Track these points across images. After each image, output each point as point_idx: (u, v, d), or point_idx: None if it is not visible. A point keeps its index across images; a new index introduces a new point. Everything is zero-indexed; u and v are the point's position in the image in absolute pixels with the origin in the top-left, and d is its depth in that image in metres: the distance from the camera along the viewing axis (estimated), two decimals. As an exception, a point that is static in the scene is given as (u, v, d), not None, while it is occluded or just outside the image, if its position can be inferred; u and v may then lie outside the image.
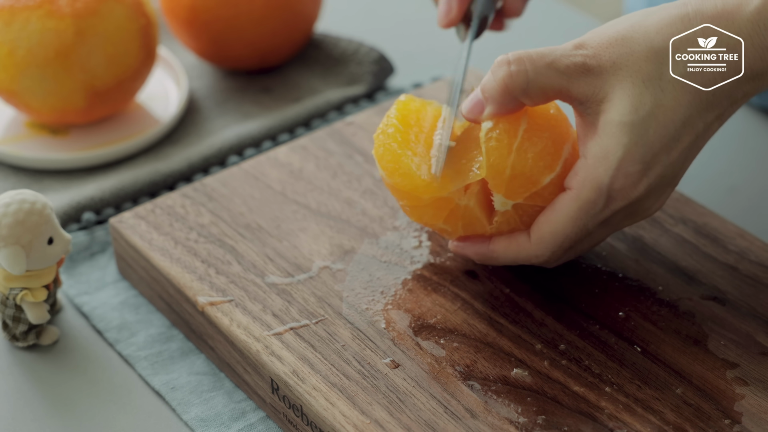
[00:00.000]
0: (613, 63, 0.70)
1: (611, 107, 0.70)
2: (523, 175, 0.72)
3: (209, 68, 1.06)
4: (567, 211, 0.72)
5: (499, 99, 0.72)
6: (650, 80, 0.69)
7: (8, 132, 0.98)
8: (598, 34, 0.71)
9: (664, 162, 0.70)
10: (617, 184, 0.70)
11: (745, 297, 0.77)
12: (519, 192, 0.73)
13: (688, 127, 0.70)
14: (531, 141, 0.72)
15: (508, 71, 0.71)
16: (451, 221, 0.76)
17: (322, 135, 0.92)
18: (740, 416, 0.70)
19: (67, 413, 0.76)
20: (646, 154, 0.70)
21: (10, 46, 0.91)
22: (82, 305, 0.83)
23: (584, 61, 0.70)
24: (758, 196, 0.94)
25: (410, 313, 0.76)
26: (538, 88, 0.71)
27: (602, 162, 0.70)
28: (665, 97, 0.69)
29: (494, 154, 0.72)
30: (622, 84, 0.69)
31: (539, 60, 0.71)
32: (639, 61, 0.69)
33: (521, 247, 0.74)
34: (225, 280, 0.79)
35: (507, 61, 0.71)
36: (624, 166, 0.70)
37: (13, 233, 0.76)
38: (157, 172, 0.93)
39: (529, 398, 0.71)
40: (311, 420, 0.71)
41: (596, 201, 0.71)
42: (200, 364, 0.79)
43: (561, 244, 0.73)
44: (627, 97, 0.69)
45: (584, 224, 0.72)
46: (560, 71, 0.70)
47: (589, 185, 0.70)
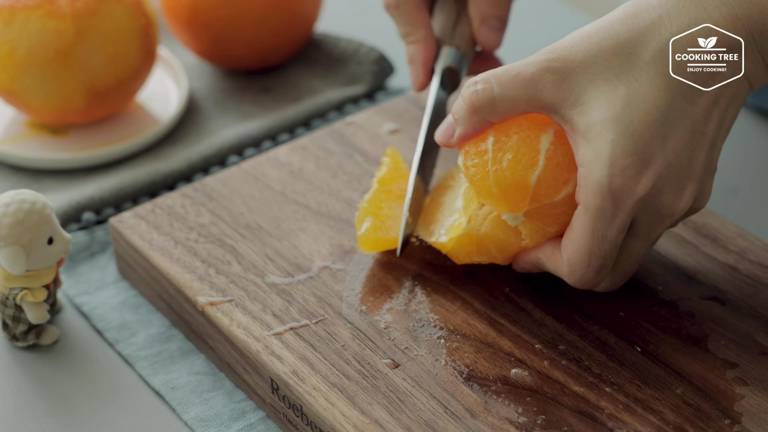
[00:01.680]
0: (581, 62, 0.69)
1: (589, 108, 0.69)
2: (510, 186, 0.72)
3: (209, 68, 1.06)
4: (581, 225, 0.70)
5: (467, 119, 0.72)
6: (622, 72, 0.69)
7: (8, 132, 0.98)
8: (566, 38, 0.71)
9: (661, 150, 0.68)
10: (616, 182, 0.68)
11: (745, 297, 0.77)
12: (518, 202, 0.72)
13: (675, 111, 0.68)
14: (501, 150, 0.72)
15: (474, 90, 0.72)
16: (483, 251, 0.76)
17: (322, 135, 0.92)
18: (740, 416, 0.70)
19: (67, 413, 0.76)
20: (636, 144, 0.68)
21: (10, 46, 0.91)
22: (82, 305, 0.83)
23: (549, 66, 0.70)
24: (758, 197, 0.94)
25: (410, 313, 0.76)
26: (505, 102, 0.71)
27: (595, 164, 0.69)
28: (640, 84, 0.68)
29: (476, 180, 0.72)
30: (595, 82, 0.69)
31: (504, 75, 0.71)
32: (608, 55, 0.69)
33: (557, 264, 0.73)
34: (225, 280, 0.79)
35: (474, 81, 0.72)
36: (617, 162, 0.68)
37: (13, 233, 0.76)
38: (157, 172, 0.93)
39: (529, 398, 0.71)
40: (311, 420, 0.71)
41: (603, 206, 0.69)
42: (200, 364, 0.79)
43: (589, 263, 0.71)
44: (602, 94, 0.68)
45: (602, 235, 0.70)
46: (526, 81, 0.70)
47: (591, 192, 0.69)
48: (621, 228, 0.70)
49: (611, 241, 0.70)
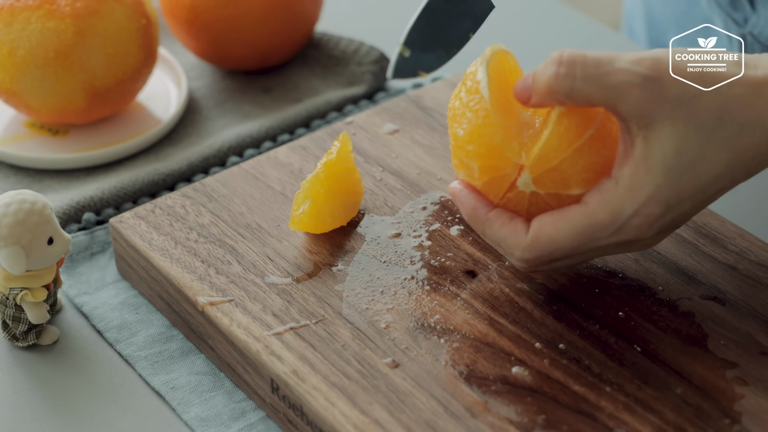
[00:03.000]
0: (675, 98, 0.68)
1: (656, 140, 0.68)
2: (563, 173, 0.71)
3: (209, 68, 1.06)
4: (575, 225, 0.70)
5: (543, 95, 0.70)
6: (702, 130, 0.68)
7: (8, 132, 0.98)
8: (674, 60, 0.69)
9: (685, 209, 0.69)
10: (635, 220, 0.69)
11: (745, 297, 0.77)
12: (547, 184, 0.72)
13: (717, 183, 0.69)
14: (591, 150, 0.71)
15: (555, 72, 0.69)
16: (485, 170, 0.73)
17: (322, 135, 0.92)
18: (740, 416, 0.70)
19: (67, 413, 0.76)
20: (673, 198, 0.69)
21: (10, 46, 0.91)
22: (82, 305, 0.83)
23: (643, 83, 0.67)
24: (758, 196, 0.94)
25: (410, 313, 0.76)
26: (582, 96, 0.69)
27: (630, 193, 0.68)
28: (710, 150, 0.68)
29: (555, 139, 0.71)
30: (675, 122, 0.68)
31: (593, 68, 0.68)
32: (701, 108, 0.68)
33: (515, 233, 0.72)
34: (225, 280, 0.79)
35: (558, 61, 0.69)
36: (649, 205, 0.68)
37: (13, 233, 0.76)
38: (157, 172, 0.93)
39: (529, 398, 0.71)
40: (311, 420, 0.71)
41: (608, 227, 0.69)
42: (200, 364, 0.79)
43: (552, 252, 0.71)
44: (675, 138, 0.68)
45: (583, 243, 0.71)
46: (611, 85, 0.68)
47: (608, 210, 0.69)
48: (599, 248, 0.71)
49: (583, 252, 0.71)
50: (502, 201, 0.74)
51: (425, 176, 0.87)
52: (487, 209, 0.74)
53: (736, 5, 1.02)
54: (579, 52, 0.69)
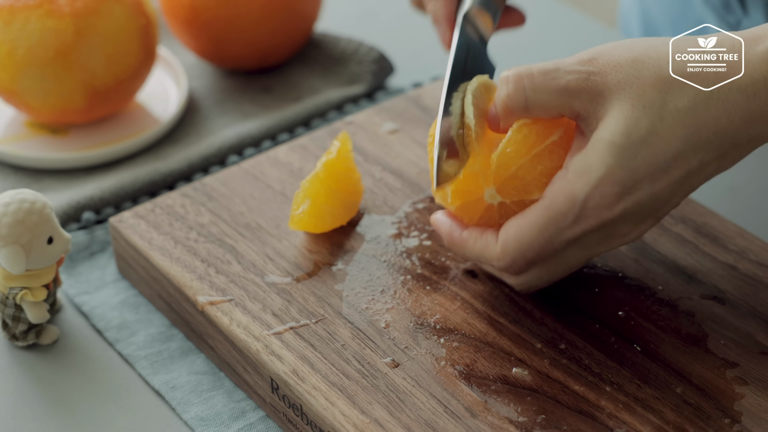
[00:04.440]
0: (618, 83, 0.68)
1: (605, 125, 0.68)
2: (522, 179, 0.72)
3: (209, 68, 1.06)
4: (536, 220, 0.70)
5: (504, 117, 0.72)
6: (651, 107, 0.68)
7: (8, 132, 0.98)
8: (610, 52, 0.70)
9: (647, 190, 0.69)
10: (591, 202, 0.69)
11: (745, 296, 0.77)
12: (510, 192, 0.72)
13: (679, 161, 0.68)
14: (551, 155, 0.72)
15: (506, 92, 0.71)
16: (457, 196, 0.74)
17: (322, 135, 0.92)
18: (740, 415, 0.70)
19: (67, 413, 0.76)
20: (628, 178, 0.68)
21: (10, 46, 0.91)
22: (82, 305, 0.83)
23: (588, 78, 0.69)
24: (758, 196, 0.94)
25: (410, 312, 0.76)
26: (538, 106, 0.70)
27: (581, 177, 0.69)
28: (663, 126, 0.68)
29: (512, 146, 0.71)
30: (622, 104, 0.68)
31: (539, 77, 0.70)
32: (645, 85, 0.68)
33: (488, 245, 0.73)
34: (225, 279, 0.79)
35: (506, 80, 0.71)
36: (602, 186, 0.68)
37: (12, 233, 0.76)
38: (156, 172, 0.93)
39: (529, 397, 0.71)
40: (311, 419, 0.71)
41: (566, 214, 0.69)
42: (200, 363, 0.79)
43: (524, 253, 0.71)
44: (623, 119, 0.68)
45: (550, 236, 0.70)
46: (560, 88, 0.69)
47: (562, 197, 0.69)
48: (570, 239, 0.70)
49: (555, 246, 0.71)
50: (476, 222, 0.74)
51: (425, 176, 0.87)
52: (461, 231, 0.75)
53: (728, 8, 1.02)
54: (524, 66, 0.71)
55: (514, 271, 0.73)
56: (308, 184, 0.82)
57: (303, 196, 0.81)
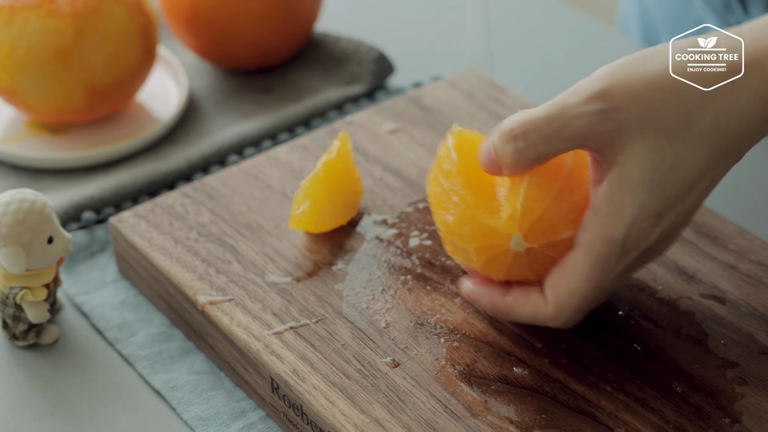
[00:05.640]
0: (637, 116, 0.66)
1: (629, 162, 0.66)
2: (550, 221, 0.69)
3: (209, 68, 1.06)
4: (581, 270, 0.68)
5: (514, 169, 0.69)
6: (674, 134, 0.66)
7: (8, 131, 0.98)
8: (624, 82, 0.67)
9: (679, 209, 0.68)
10: (630, 239, 0.67)
11: (745, 296, 0.77)
12: (538, 237, 0.70)
13: (705, 175, 0.68)
14: (571, 188, 0.70)
15: (515, 148, 0.68)
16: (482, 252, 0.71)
17: (322, 134, 0.92)
18: (740, 415, 0.70)
19: (67, 413, 0.76)
20: (661, 206, 0.67)
21: (10, 46, 0.91)
22: (82, 304, 0.83)
23: (602, 118, 0.66)
24: (758, 196, 0.94)
25: (410, 312, 0.76)
26: (550, 154, 0.68)
27: (616, 219, 0.67)
28: (687, 150, 0.67)
29: (534, 190, 0.69)
30: (644, 139, 0.66)
31: (547, 128, 0.67)
32: (667, 117, 0.66)
33: (537, 307, 0.70)
34: (225, 279, 0.79)
35: (513, 137, 0.68)
36: (638, 222, 0.67)
37: (12, 232, 0.76)
38: (156, 172, 0.93)
39: (530, 397, 0.71)
40: (311, 419, 0.71)
41: (609, 258, 0.67)
42: (200, 363, 0.79)
43: (579, 306, 0.69)
44: (649, 153, 0.66)
45: (600, 281, 0.68)
46: (572, 135, 0.67)
47: (601, 242, 0.67)
48: (618, 275, 0.69)
49: (606, 288, 0.69)
50: (506, 274, 0.72)
51: (425, 175, 0.87)
52: (504, 297, 0.72)
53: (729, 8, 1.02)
54: (527, 118, 0.68)
55: (571, 326, 0.71)
56: (308, 184, 0.82)
57: (303, 196, 0.81)
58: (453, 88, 0.96)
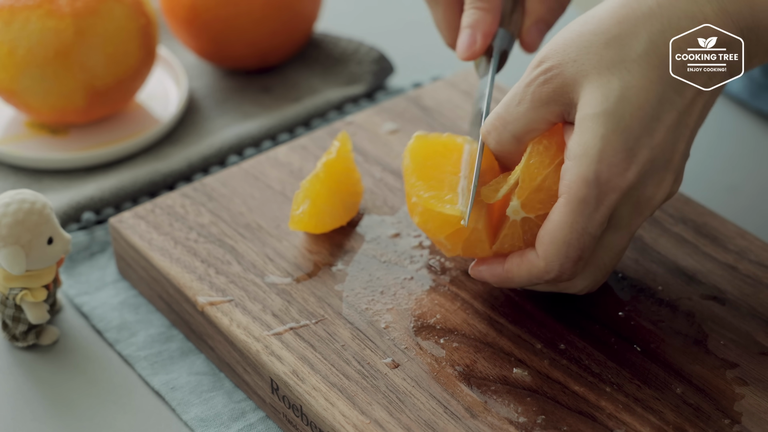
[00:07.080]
0: (574, 61, 0.69)
1: (583, 104, 0.69)
2: (548, 191, 0.71)
3: (209, 68, 1.06)
4: (562, 217, 0.69)
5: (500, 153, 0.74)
6: (614, 65, 0.68)
7: (8, 132, 0.98)
8: (554, 40, 0.70)
9: (649, 144, 0.68)
10: (603, 176, 0.68)
11: (745, 297, 0.77)
12: (535, 206, 0.71)
13: (665, 104, 0.68)
14: None
15: (493, 140, 0.73)
16: (452, 239, 0.73)
17: (322, 135, 0.92)
18: (740, 416, 0.70)
19: (67, 413, 0.76)
20: (627, 140, 0.68)
21: (10, 46, 0.91)
22: (82, 305, 0.83)
23: (546, 79, 0.70)
24: (758, 196, 0.94)
25: (410, 313, 0.76)
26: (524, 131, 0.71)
27: (583, 158, 0.68)
28: (633, 77, 0.68)
29: (536, 158, 0.71)
30: (588, 79, 0.68)
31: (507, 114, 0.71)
32: (599, 49, 0.68)
33: (532, 263, 0.71)
34: (225, 280, 0.79)
35: (486, 134, 0.73)
36: (606, 157, 0.68)
37: (12, 233, 0.76)
38: (156, 172, 0.93)
39: (529, 398, 0.71)
40: (311, 420, 0.71)
41: (587, 199, 0.68)
42: (200, 364, 0.79)
43: (567, 254, 0.70)
44: (595, 88, 0.68)
45: (583, 227, 0.69)
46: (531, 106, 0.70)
47: (575, 185, 0.68)
48: (601, 221, 0.70)
49: (591, 233, 0.70)
50: (496, 247, 0.73)
51: (425, 176, 0.87)
52: (502, 264, 0.74)
53: None
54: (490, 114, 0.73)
55: (566, 277, 0.71)
56: (308, 185, 0.82)
57: (303, 197, 0.81)
58: (453, 89, 0.96)
